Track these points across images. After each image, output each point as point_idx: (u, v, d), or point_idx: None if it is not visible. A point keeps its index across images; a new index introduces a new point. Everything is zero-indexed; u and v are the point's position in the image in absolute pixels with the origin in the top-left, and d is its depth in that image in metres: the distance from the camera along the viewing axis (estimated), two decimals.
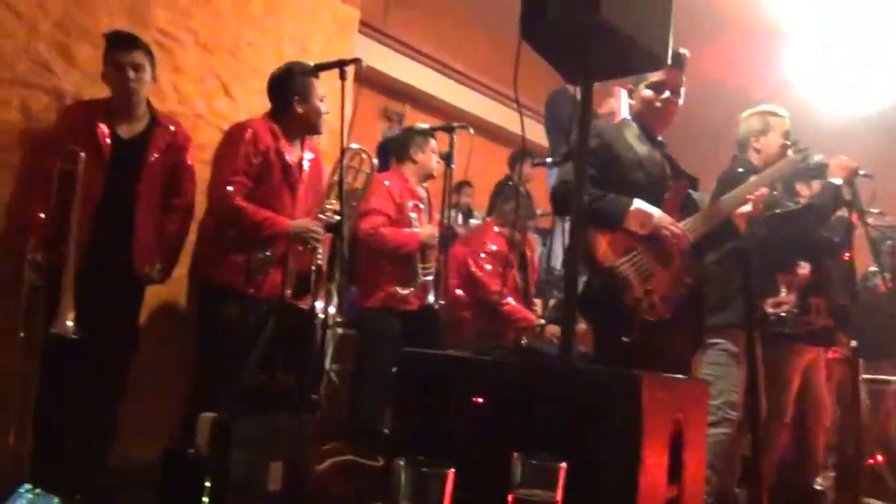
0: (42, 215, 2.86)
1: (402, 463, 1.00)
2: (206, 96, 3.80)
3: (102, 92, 3.15)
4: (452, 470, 1.03)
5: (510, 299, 4.36)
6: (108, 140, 3.02)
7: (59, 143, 2.95)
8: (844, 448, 3.90)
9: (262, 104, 3.50)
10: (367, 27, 5.58)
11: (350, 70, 3.05)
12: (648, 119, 2.77)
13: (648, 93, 2.73)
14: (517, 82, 2.08)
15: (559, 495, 1.11)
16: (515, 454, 1.12)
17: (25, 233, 2.88)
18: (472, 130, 3.67)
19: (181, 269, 3.46)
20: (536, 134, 5.55)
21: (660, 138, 2.81)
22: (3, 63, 3.10)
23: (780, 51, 6.30)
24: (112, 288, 3.00)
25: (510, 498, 1.13)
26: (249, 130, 3.19)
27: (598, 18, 1.96)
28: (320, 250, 3.21)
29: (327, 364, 3.52)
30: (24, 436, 2.75)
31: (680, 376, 2.12)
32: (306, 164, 3.37)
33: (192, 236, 3.43)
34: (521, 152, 5.18)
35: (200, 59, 3.78)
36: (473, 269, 4.32)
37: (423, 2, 6.24)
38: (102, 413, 3.04)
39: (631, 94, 2.79)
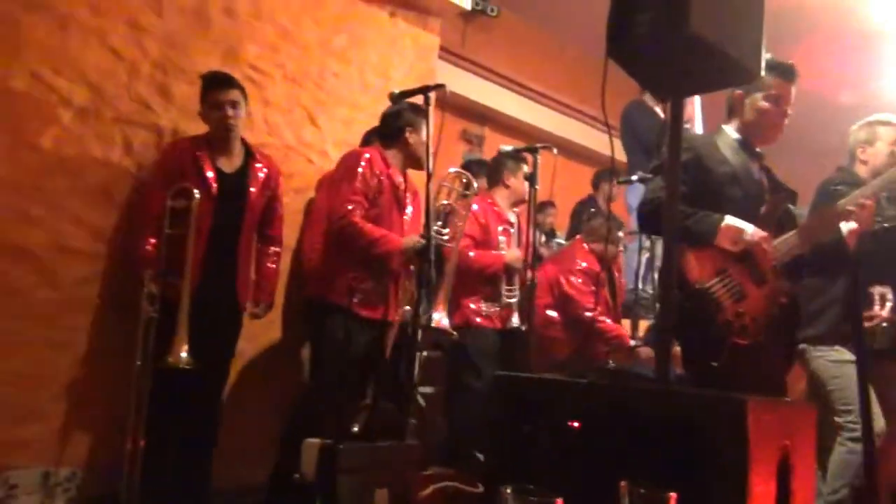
0: (153, 248, 3.01)
1: (508, 491, 1.00)
2: (294, 127, 3.93)
3: (198, 128, 3.31)
4: (560, 500, 1.01)
5: (605, 318, 4.31)
6: (214, 175, 3.16)
7: (167, 179, 3.11)
8: None
9: (347, 133, 3.61)
10: (446, 52, 5.65)
11: (432, 95, 3.10)
12: (756, 131, 2.68)
13: (765, 104, 2.64)
14: (604, 101, 2.06)
15: None
16: (623, 483, 1.10)
17: (136, 265, 3.03)
18: (555, 151, 3.66)
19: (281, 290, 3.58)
20: (616, 150, 5.47)
21: (758, 150, 2.72)
22: (106, 103, 3.29)
23: (872, 56, 6.04)
24: (218, 318, 3.14)
25: None
26: (366, 155, 3.33)
27: (689, 32, 1.92)
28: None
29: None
30: (135, 459, 2.87)
31: (786, 399, 2.03)
32: (409, 193, 3.49)
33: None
34: (611, 172, 5.13)
35: (288, 91, 3.92)
36: (566, 287, 4.30)
37: (499, 24, 6.28)
38: (204, 438, 3.15)
39: (740, 101, 2.69)
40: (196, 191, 3.05)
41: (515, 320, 3.84)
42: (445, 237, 3.25)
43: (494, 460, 1.83)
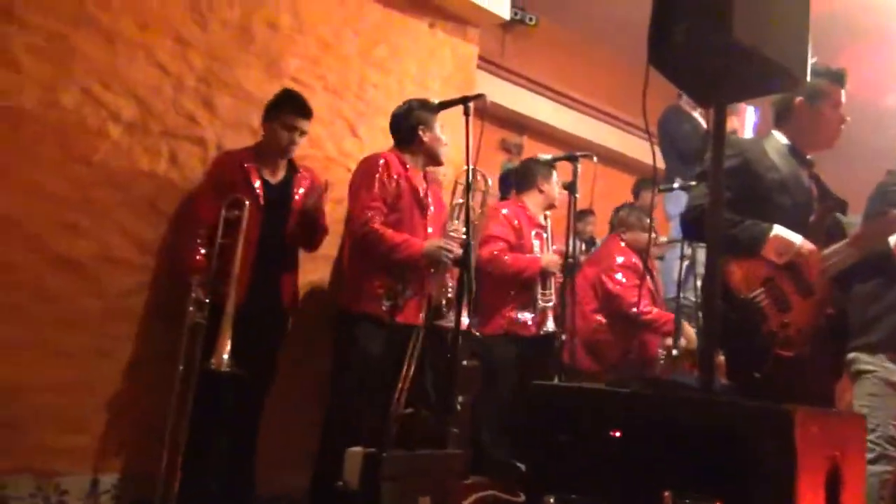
0: (201, 258, 3.09)
1: (552, 501, 0.99)
2: (335, 138, 3.98)
3: (240, 140, 3.38)
4: None
5: (651, 308, 4.25)
6: (261, 184, 3.23)
7: (218, 191, 3.18)
8: None
9: (387, 142, 3.64)
10: (485, 61, 5.67)
11: (471, 105, 3.11)
12: (810, 136, 2.64)
13: (823, 109, 2.61)
14: (645, 109, 2.05)
15: None
16: (666, 493, 1.09)
17: (186, 273, 3.10)
18: (595, 159, 3.65)
19: (321, 299, 3.63)
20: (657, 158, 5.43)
21: (808, 157, 2.67)
22: (153, 117, 3.36)
23: None
24: (263, 325, 3.19)
25: None
26: (382, 159, 3.36)
27: (731, 39, 1.91)
28: (450, 279, 3.28)
29: None
30: (174, 463, 2.92)
31: (834, 410, 1.99)
32: (430, 193, 3.50)
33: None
34: (652, 180, 5.08)
35: (329, 103, 3.96)
36: (609, 286, 4.27)
37: (538, 33, 6.28)
38: (245, 441, 3.19)
39: (797, 106, 2.63)
40: (248, 202, 3.12)
41: (550, 325, 3.82)
42: (464, 237, 3.21)
43: (534, 470, 1.82)
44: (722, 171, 2.07)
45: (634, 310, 4.10)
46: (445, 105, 3.17)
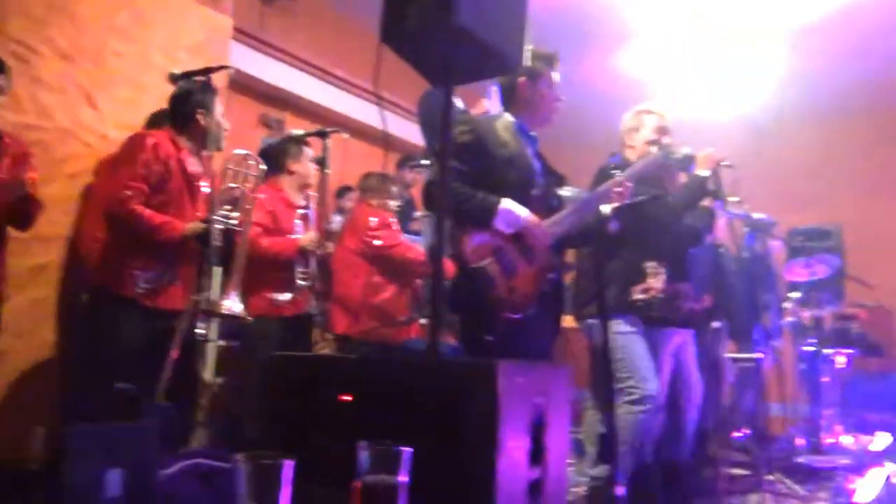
0: None
1: (240, 457, 1.02)
2: (68, 108, 3.66)
3: None
4: (291, 461, 1.05)
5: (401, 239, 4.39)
6: None
7: None
8: (706, 422, 4.14)
9: (131, 115, 3.43)
10: (244, 34, 5.51)
11: (223, 78, 3.03)
12: (533, 115, 2.87)
13: (549, 91, 2.85)
14: (377, 83, 2.14)
15: (404, 478, 1.16)
16: (361, 443, 1.16)
17: None
18: (345, 135, 3.70)
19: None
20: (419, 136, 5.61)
21: (533, 134, 2.91)
22: None
23: (645, 54, 6.62)
24: None
25: (357, 485, 1.17)
26: (151, 139, 3.16)
27: (456, 24, 2.04)
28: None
29: (208, 376, 3.45)
30: None
31: (543, 363, 2.21)
32: (204, 178, 3.36)
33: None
34: (407, 157, 5.27)
35: (60, 69, 3.64)
36: (374, 243, 4.29)
37: (300, 8, 6.20)
38: None
39: (520, 87, 2.84)
40: None
41: (312, 302, 3.85)
42: (234, 221, 3.17)
43: (264, 437, 1.86)
44: (450, 151, 2.22)
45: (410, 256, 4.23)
46: (188, 75, 3.06)
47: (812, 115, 7.28)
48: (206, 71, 2.96)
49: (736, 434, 4.57)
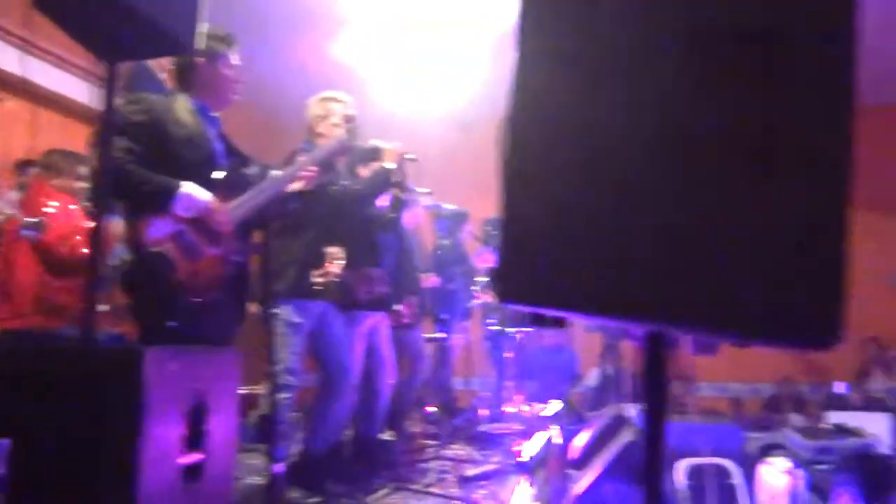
0: None
1: None
2: None
3: None
4: None
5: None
6: None
7: None
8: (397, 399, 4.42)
9: None
10: None
11: None
12: (214, 96, 2.81)
13: (229, 72, 2.80)
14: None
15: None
16: None
17: None
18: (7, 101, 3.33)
19: None
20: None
21: (214, 115, 2.87)
22: None
23: (348, 41, 6.74)
24: None
25: None
26: None
27: (121, 4, 1.96)
28: None
29: None
30: None
31: (200, 347, 2.20)
32: None
33: None
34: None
35: None
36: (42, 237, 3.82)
37: None
38: None
39: (199, 67, 2.76)
40: None
41: None
42: None
43: None
44: (113, 130, 2.13)
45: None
46: None
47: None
48: None
49: (428, 409, 4.93)
